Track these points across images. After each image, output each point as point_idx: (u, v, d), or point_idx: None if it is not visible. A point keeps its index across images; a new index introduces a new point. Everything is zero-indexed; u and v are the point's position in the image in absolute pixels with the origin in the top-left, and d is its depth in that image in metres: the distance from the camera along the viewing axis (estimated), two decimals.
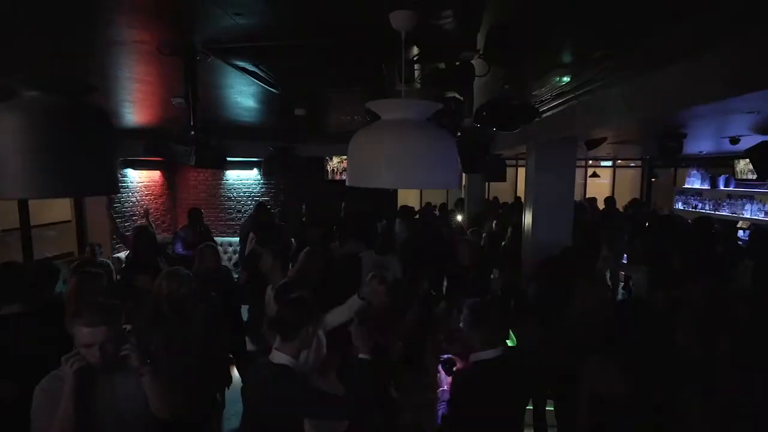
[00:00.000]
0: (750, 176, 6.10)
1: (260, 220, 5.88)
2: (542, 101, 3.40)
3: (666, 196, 10.18)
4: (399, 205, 8.22)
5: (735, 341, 2.19)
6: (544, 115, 3.93)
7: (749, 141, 4.92)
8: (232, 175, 9.09)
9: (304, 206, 7.79)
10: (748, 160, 5.12)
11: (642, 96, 2.77)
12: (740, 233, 6.90)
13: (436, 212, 8.33)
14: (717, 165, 8.43)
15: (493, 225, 6.58)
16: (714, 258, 4.72)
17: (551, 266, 3.41)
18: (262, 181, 9.18)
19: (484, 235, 6.18)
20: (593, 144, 4.48)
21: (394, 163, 1.49)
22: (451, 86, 2.46)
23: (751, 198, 7.48)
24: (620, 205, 8.71)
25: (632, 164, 11.61)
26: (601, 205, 8.32)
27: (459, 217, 8.16)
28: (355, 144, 1.67)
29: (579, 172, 11.87)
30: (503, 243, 5.60)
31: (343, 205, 7.98)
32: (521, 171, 9.96)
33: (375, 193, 8.74)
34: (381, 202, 8.71)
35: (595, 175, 11.26)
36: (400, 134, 1.55)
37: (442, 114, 2.75)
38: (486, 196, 10.93)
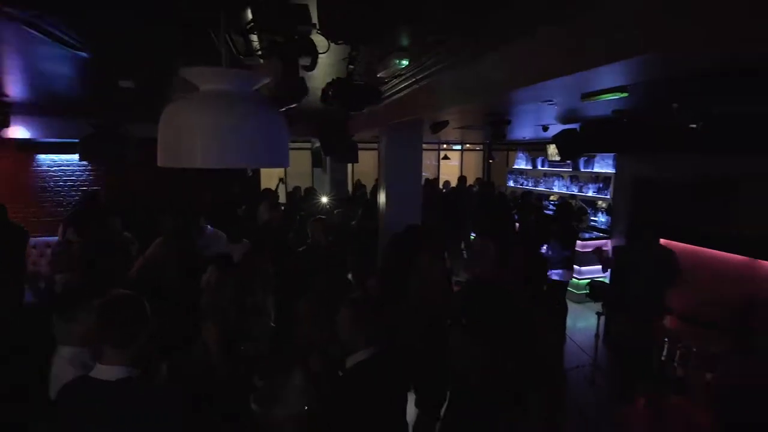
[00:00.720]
0: (557, 158, 7.44)
1: (81, 212, 4.93)
2: (386, 82, 3.52)
3: (501, 175, 11.85)
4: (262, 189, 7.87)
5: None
6: (391, 98, 4.11)
7: (555, 129, 6.02)
8: (47, 160, 7.38)
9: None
10: (554, 144, 6.22)
11: (471, 81, 3.07)
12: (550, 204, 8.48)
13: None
14: (536, 149, 10.11)
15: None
16: (530, 225, 5.69)
17: (394, 244, 3.59)
18: (89, 167, 7.68)
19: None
20: (437, 127, 4.87)
21: (209, 139, 1.34)
22: (289, 61, 2.34)
23: (558, 176, 9.21)
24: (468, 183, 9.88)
25: (477, 148, 13.18)
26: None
27: (324, 199, 8.21)
28: (167, 118, 1.45)
29: (432, 155, 13.01)
30: (352, 223, 5.81)
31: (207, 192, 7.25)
32: None
33: (240, 179, 8.18)
34: (247, 187, 8.20)
35: (446, 157, 12.47)
36: (218, 106, 1.39)
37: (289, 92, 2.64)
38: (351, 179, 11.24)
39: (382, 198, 4.99)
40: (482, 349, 2.10)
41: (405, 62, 2.96)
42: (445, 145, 12.87)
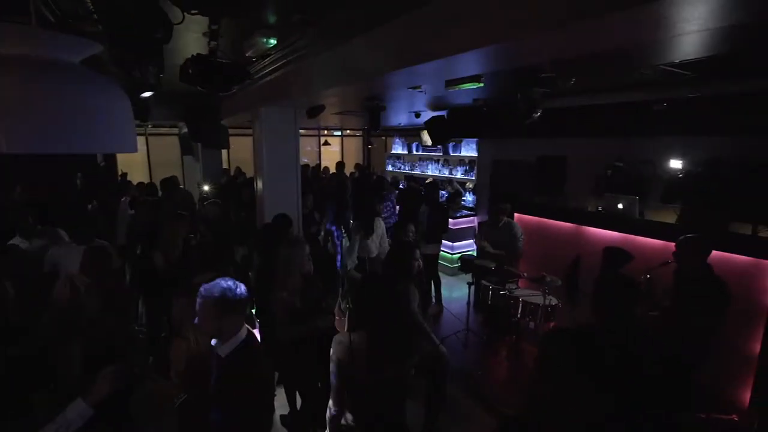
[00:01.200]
0: (429, 143, 8.00)
1: None
2: (255, 62, 3.31)
3: (381, 160, 12.28)
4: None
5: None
6: (263, 80, 3.89)
7: (427, 116, 6.43)
8: None
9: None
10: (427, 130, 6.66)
11: (342, 65, 3.07)
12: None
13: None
14: (411, 135, 10.70)
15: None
16: (412, 207, 6.04)
17: (264, 233, 3.50)
18: None
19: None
20: (314, 112, 4.78)
21: (13, 117, 1.08)
22: (133, 32, 2.02)
23: (432, 160, 9.92)
24: (349, 169, 10.01)
25: (357, 134, 13.39)
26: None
27: (206, 188, 7.50)
28: None
29: (313, 141, 12.84)
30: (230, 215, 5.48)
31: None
32: None
33: (87, 169, 6.91)
34: (98, 179, 7.00)
35: (326, 143, 12.43)
36: (23, 76, 1.13)
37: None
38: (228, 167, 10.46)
39: (259, 186, 4.74)
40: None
41: (273, 41, 2.82)
42: (325, 131, 12.80)
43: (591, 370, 1.38)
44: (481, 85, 3.35)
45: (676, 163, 5.04)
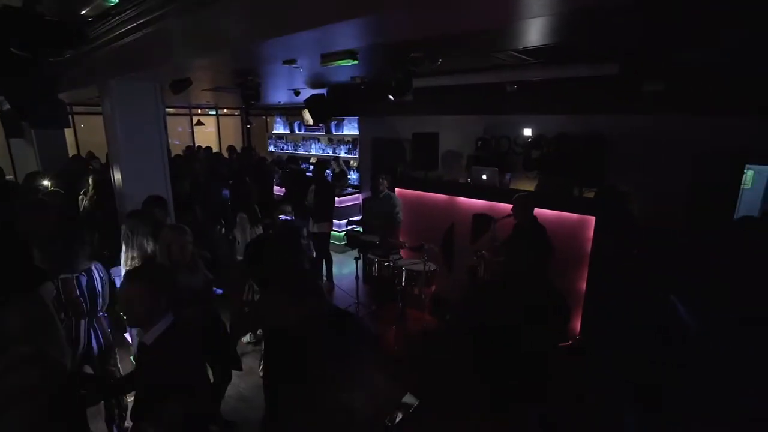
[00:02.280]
0: (311, 122, 7.86)
1: None
2: (92, 22, 2.84)
3: (261, 140, 11.71)
4: None
5: None
6: (109, 46, 3.35)
7: (307, 94, 6.29)
8: None
9: None
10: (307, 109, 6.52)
11: (205, 32, 2.81)
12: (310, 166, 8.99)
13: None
14: (293, 114, 10.38)
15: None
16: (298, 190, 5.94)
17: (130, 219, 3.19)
18: None
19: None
20: (178, 86, 4.30)
21: None
22: None
23: (315, 139, 9.80)
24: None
25: (235, 113, 12.47)
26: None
27: (45, 182, 6.18)
28: None
29: (185, 120, 11.62)
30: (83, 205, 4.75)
31: None
32: None
33: None
34: None
35: (200, 123, 11.35)
36: None
37: None
38: (76, 152, 8.90)
39: (117, 175, 4.13)
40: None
41: None
42: (199, 110, 11.65)
43: None
44: (356, 62, 3.40)
45: (528, 138, 5.87)
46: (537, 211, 3.85)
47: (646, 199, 4.42)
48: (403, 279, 4.52)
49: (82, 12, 2.75)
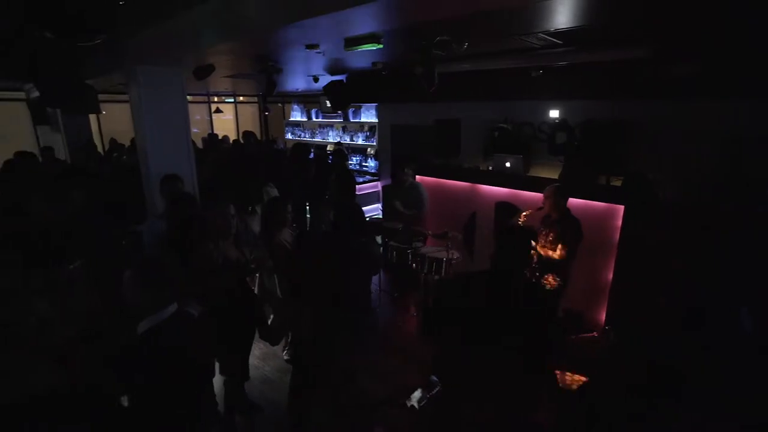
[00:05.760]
0: (329, 109, 7.84)
1: None
2: (122, 6, 2.84)
3: (278, 128, 11.73)
4: None
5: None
6: (140, 32, 3.37)
7: (325, 80, 6.24)
8: None
9: None
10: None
11: (228, 16, 2.79)
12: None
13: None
14: (310, 101, 10.35)
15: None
16: (310, 176, 5.92)
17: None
18: None
19: None
20: (202, 73, 4.31)
21: None
22: None
23: (331, 126, 9.77)
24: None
25: (253, 100, 12.50)
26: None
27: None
28: None
29: (203, 108, 11.71)
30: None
31: None
32: None
33: None
34: None
35: (218, 110, 11.40)
36: None
37: None
38: (99, 138, 9.09)
39: (143, 158, 4.19)
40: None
41: None
42: (216, 98, 11.71)
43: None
44: (381, 46, 3.34)
45: (555, 120, 5.68)
46: None
47: (677, 188, 4.29)
48: (426, 266, 4.51)
49: None
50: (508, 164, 5.13)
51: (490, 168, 5.61)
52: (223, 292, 2.67)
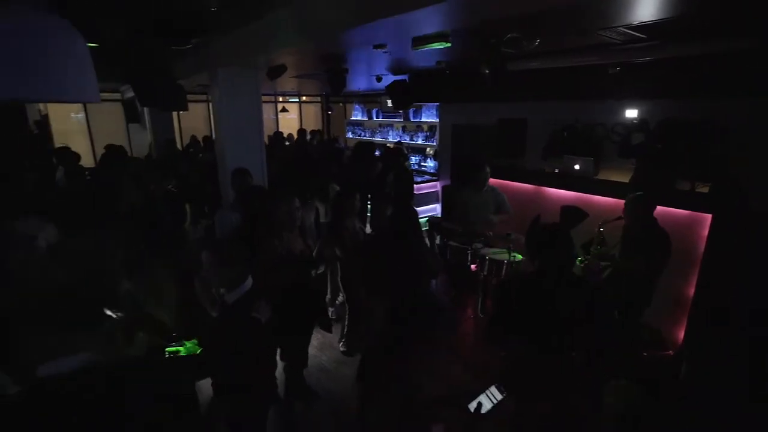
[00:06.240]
0: (390, 108, 7.93)
1: None
2: (213, 13, 3.07)
3: (340, 127, 12.04)
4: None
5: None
6: (220, 38, 3.64)
7: (388, 80, 6.32)
8: None
9: None
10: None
11: (305, 19, 2.92)
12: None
13: None
14: (371, 101, 10.52)
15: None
16: (374, 174, 6.00)
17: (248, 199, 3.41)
18: None
19: None
20: (275, 73, 4.56)
21: None
22: None
23: (391, 126, 9.85)
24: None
25: (316, 100, 12.96)
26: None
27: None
28: None
29: (270, 108, 12.32)
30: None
31: None
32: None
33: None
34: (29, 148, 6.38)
35: (284, 110, 11.95)
36: None
37: None
38: (179, 136, 9.89)
39: (221, 153, 4.51)
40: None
41: None
42: (281, 98, 12.29)
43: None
44: (449, 44, 3.32)
45: (633, 120, 5.26)
46: None
47: None
48: (486, 269, 4.41)
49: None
50: (577, 166, 4.86)
51: (556, 171, 5.35)
52: (287, 283, 2.80)
